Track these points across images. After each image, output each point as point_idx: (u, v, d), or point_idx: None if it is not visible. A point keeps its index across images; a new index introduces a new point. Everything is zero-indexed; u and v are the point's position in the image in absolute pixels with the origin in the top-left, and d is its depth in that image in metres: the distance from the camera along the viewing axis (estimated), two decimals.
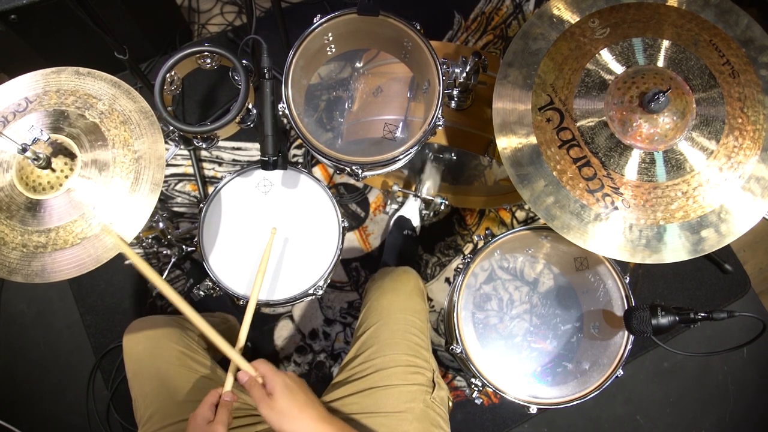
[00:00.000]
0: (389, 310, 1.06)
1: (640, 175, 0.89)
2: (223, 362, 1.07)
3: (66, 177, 0.91)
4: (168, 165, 1.73)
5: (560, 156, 0.91)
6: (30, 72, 0.97)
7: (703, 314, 0.91)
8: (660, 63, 0.93)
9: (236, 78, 1.13)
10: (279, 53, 1.19)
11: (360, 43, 1.16)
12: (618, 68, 0.93)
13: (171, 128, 1.13)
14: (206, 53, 1.14)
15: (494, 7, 1.91)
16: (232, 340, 0.86)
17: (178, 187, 1.73)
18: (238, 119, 1.15)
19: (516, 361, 1.14)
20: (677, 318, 0.92)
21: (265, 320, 1.64)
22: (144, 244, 1.57)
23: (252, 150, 1.77)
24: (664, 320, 0.92)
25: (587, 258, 1.13)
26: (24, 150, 0.83)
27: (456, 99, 1.15)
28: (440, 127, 1.03)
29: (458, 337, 1.07)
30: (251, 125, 1.21)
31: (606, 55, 0.94)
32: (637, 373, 1.68)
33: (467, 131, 1.16)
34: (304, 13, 1.87)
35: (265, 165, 1.00)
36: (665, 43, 0.93)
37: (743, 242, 1.80)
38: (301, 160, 1.75)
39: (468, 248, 1.73)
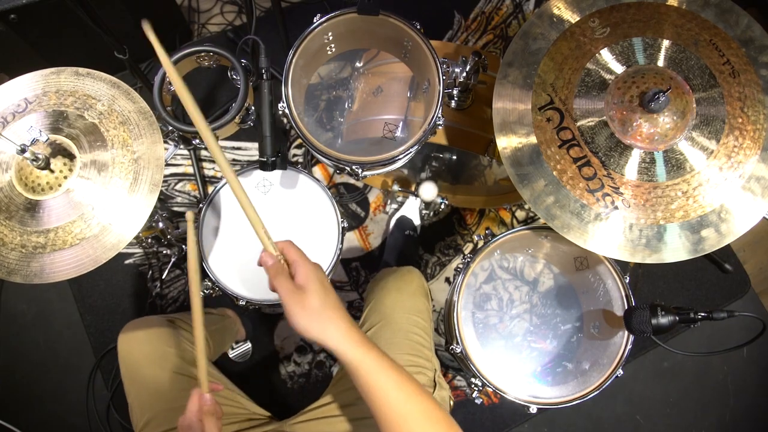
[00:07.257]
0: (392, 310, 1.06)
1: (640, 175, 0.89)
2: (217, 363, 1.05)
3: (65, 178, 0.90)
4: (168, 165, 1.73)
5: (560, 156, 0.91)
6: (30, 72, 0.97)
7: (703, 314, 0.91)
8: (660, 63, 0.93)
9: (235, 77, 1.13)
10: (279, 53, 1.19)
11: (360, 42, 1.16)
12: (618, 68, 0.93)
13: (170, 128, 1.13)
14: (205, 53, 1.14)
15: (494, 7, 1.91)
16: (230, 337, 0.83)
17: (177, 187, 1.72)
18: (237, 119, 1.15)
19: (516, 361, 1.14)
20: (677, 318, 0.92)
21: (265, 320, 1.64)
22: (144, 244, 1.57)
23: (252, 150, 1.76)
24: (664, 320, 0.92)
25: (587, 258, 1.13)
26: (23, 151, 0.83)
27: (456, 99, 1.15)
28: (440, 127, 1.03)
29: (458, 337, 1.07)
30: (251, 125, 1.21)
31: (606, 55, 0.94)
32: (637, 373, 1.67)
33: (467, 131, 1.16)
34: (304, 12, 1.87)
35: (264, 166, 1.00)
36: (665, 43, 0.93)
37: (743, 242, 1.80)
38: (301, 160, 1.74)
39: (468, 248, 1.72)
